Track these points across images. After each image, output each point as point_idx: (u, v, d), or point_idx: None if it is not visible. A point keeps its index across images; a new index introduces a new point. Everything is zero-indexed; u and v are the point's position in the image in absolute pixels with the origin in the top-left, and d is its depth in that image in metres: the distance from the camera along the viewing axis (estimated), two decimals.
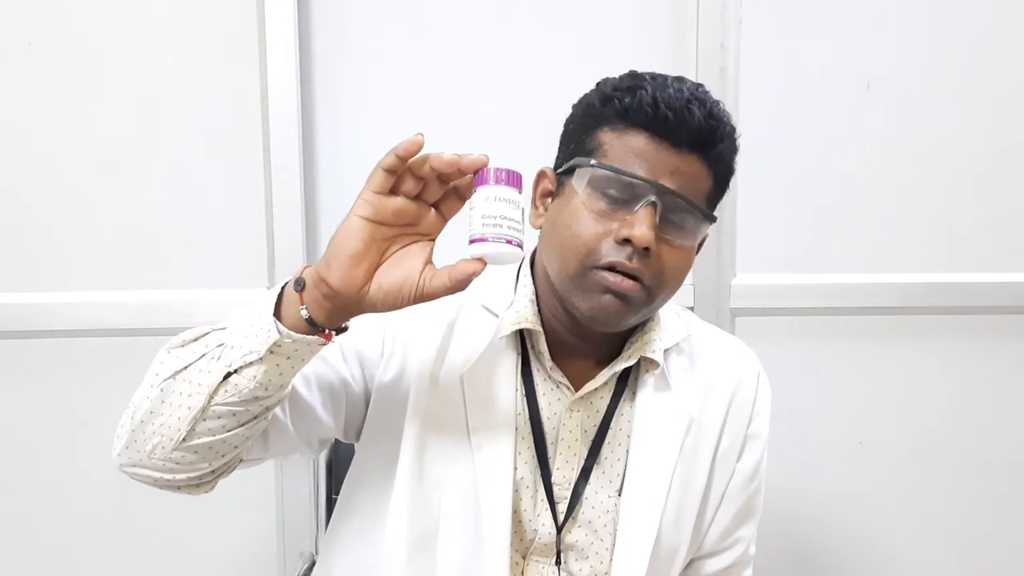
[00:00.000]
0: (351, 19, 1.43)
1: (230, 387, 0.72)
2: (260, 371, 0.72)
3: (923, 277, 1.52)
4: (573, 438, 0.89)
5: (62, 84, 1.39)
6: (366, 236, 0.68)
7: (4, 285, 1.41)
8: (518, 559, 0.89)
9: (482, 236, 0.68)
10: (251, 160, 1.41)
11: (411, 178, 0.69)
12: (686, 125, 0.80)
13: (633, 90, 0.82)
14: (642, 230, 0.79)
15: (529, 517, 0.88)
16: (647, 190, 0.80)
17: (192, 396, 0.73)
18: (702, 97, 0.82)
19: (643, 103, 0.80)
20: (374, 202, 0.68)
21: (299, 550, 1.43)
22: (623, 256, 0.80)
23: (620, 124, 0.82)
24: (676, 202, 0.81)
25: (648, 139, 0.81)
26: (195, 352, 0.74)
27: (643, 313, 0.85)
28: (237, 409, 0.73)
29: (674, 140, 0.81)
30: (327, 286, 0.69)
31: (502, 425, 0.87)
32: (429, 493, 0.87)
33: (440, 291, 0.69)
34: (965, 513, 1.59)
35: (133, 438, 0.76)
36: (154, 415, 0.74)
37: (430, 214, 0.71)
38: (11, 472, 1.44)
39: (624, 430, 0.90)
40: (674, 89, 0.81)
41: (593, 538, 0.89)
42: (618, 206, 0.81)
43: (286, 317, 0.72)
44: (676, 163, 0.81)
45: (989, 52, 1.50)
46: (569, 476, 0.89)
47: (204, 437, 0.74)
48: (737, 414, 0.93)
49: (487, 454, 0.86)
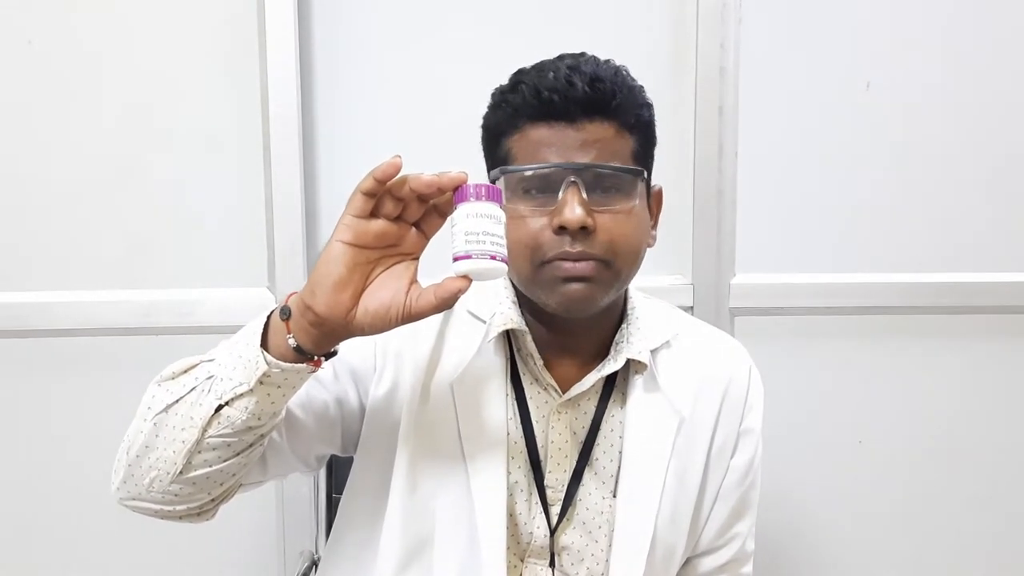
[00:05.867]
0: (351, 19, 1.43)
1: (223, 419, 0.72)
2: (251, 402, 0.72)
3: (923, 277, 1.52)
4: (563, 440, 0.89)
5: (62, 84, 1.39)
6: (349, 261, 0.68)
7: (4, 284, 1.41)
8: (516, 562, 0.89)
9: (466, 253, 0.68)
10: (251, 160, 1.41)
11: (391, 200, 0.69)
12: (573, 100, 0.81)
13: (515, 88, 0.84)
14: (571, 212, 0.79)
15: (524, 520, 0.89)
16: (562, 174, 0.81)
17: (185, 430, 0.73)
18: (581, 67, 0.82)
19: (527, 97, 0.82)
20: (355, 226, 0.68)
21: (299, 550, 1.42)
22: (566, 245, 0.80)
23: (517, 125, 0.84)
24: (595, 173, 0.82)
25: (546, 127, 0.82)
26: (185, 385, 0.74)
27: (615, 287, 0.85)
28: (231, 440, 0.74)
29: (568, 117, 0.81)
30: (313, 313, 0.69)
31: (493, 431, 0.87)
32: (424, 502, 0.87)
33: (427, 310, 0.69)
34: (965, 513, 1.59)
35: (130, 472, 0.76)
36: (149, 449, 0.74)
37: (411, 233, 0.71)
38: (11, 471, 1.44)
39: (616, 431, 0.90)
40: (552, 70, 0.82)
41: (588, 540, 0.89)
42: (544, 199, 0.82)
43: (273, 346, 0.71)
44: (581, 137, 0.82)
45: (989, 52, 1.50)
46: (562, 478, 0.89)
47: (201, 469, 0.75)
48: (729, 411, 0.93)
49: (480, 462, 0.86)
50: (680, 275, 1.49)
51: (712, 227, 1.47)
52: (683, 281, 1.49)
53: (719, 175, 1.46)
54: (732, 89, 1.45)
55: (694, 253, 1.48)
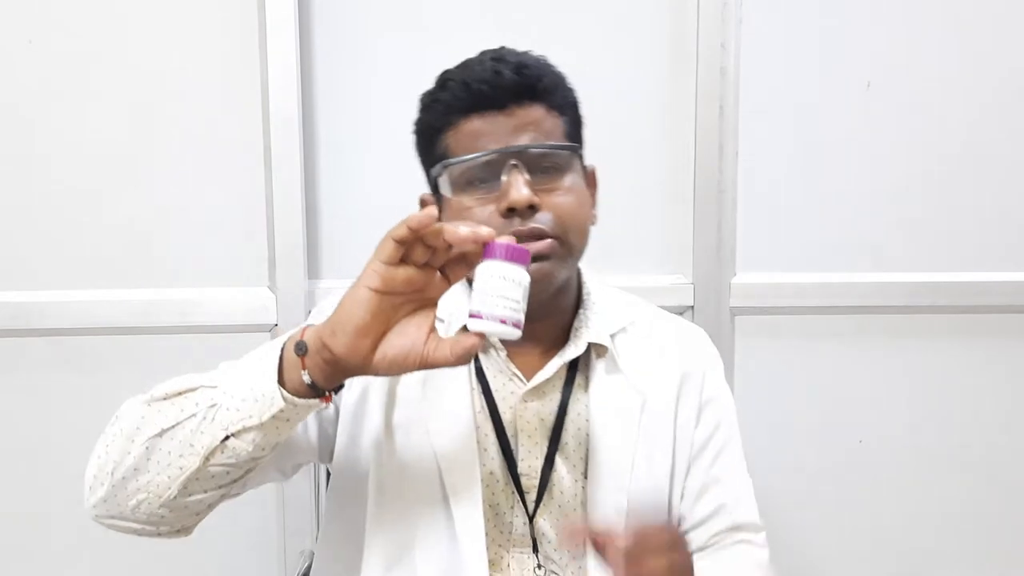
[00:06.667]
0: (352, 19, 1.43)
1: (228, 450, 0.72)
2: (259, 435, 0.72)
3: (924, 276, 1.52)
4: (532, 428, 0.90)
5: (62, 83, 1.39)
6: (374, 307, 0.68)
7: (4, 284, 1.41)
8: (502, 552, 0.90)
9: (479, 313, 0.69)
10: (251, 159, 1.41)
11: (421, 247, 0.69)
12: (502, 87, 0.84)
13: (444, 86, 0.87)
14: (517, 192, 0.81)
15: (504, 510, 0.90)
16: (502, 159, 0.83)
17: (184, 457, 0.73)
18: (506, 57, 0.86)
19: (456, 92, 0.85)
20: (384, 273, 0.68)
21: (299, 550, 1.43)
22: (516, 225, 0.82)
23: (451, 121, 0.86)
24: (534, 153, 0.84)
25: (479, 118, 0.85)
26: (183, 410, 0.74)
27: (569, 263, 0.87)
28: (231, 469, 0.74)
29: (499, 105, 0.84)
30: (330, 352, 0.69)
31: (462, 426, 0.88)
32: (401, 504, 0.88)
33: (442, 363, 0.70)
34: (965, 512, 1.59)
35: (113, 493, 0.76)
36: (138, 472, 0.74)
37: (435, 278, 0.72)
38: (10, 471, 1.44)
39: (582, 414, 0.91)
40: (477, 64, 0.86)
41: (566, 522, 0.90)
42: (489, 187, 0.84)
43: (287, 381, 0.72)
44: (513, 122, 0.84)
45: (989, 52, 1.50)
46: (535, 465, 0.90)
47: (196, 495, 0.75)
48: (690, 385, 0.95)
49: (451, 458, 0.87)
50: (680, 275, 1.50)
51: (712, 227, 1.47)
52: (683, 281, 1.49)
53: (719, 175, 1.46)
54: (732, 89, 1.45)
55: (694, 253, 1.48)
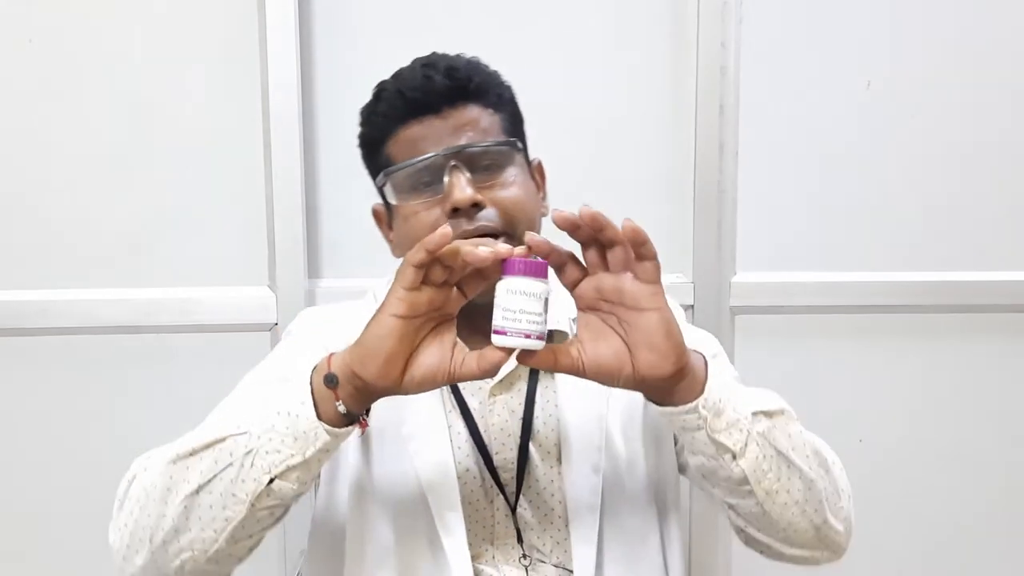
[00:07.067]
0: (352, 19, 1.43)
1: (273, 492, 0.73)
2: (304, 472, 0.73)
3: (924, 275, 1.52)
4: (503, 421, 0.91)
5: (62, 83, 1.39)
6: (400, 333, 0.69)
7: (4, 283, 1.41)
8: (487, 547, 0.91)
9: (502, 329, 0.70)
10: (252, 159, 1.41)
11: (439, 267, 0.69)
12: (434, 92, 0.86)
13: (380, 97, 0.91)
14: (460, 192, 0.83)
15: (484, 506, 0.91)
16: (442, 161, 0.85)
17: (227, 508, 0.73)
18: (435, 62, 0.89)
19: (392, 102, 0.88)
20: (407, 299, 0.69)
21: (299, 549, 1.42)
22: (463, 225, 0.84)
23: (390, 131, 0.89)
24: (473, 152, 0.86)
25: (416, 124, 0.87)
26: (217, 462, 0.74)
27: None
28: (278, 510, 0.75)
29: (434, 110, 0.87)
30: (362, 381, 0.70)
31: (434, 428, 0.89)
32: (380, 507, 0.89)
33: (469, 377, 0.71)
34: (965, 512, 1.59)
35: (153, 559, 0.76)
36: (179, 533, 0.74)
37: (453, 293, 0.73)
38: (11, 470, 1.44)
39: (551, 401, 0.92)
40: (409, 72, 0.89)
41: (545, 509, 0.91)
42: (433, 190, 0.86)
43: (322, 413, 0.72)
44: (450, 124, 0.87)
45: (989, 51, 1.50)
46: (510, 457, 0.91)
47: (243, 542, 0.76)
48: None
49: (426, 459, 0.88)
50: (681, 274, 1.50)
51: (713, 226, 1.47)
52: (684, 280, 1.49)
53: (720, 174, 1.46)
54: (733, 88, 1.45)
55: (695, 252, 1.48)
